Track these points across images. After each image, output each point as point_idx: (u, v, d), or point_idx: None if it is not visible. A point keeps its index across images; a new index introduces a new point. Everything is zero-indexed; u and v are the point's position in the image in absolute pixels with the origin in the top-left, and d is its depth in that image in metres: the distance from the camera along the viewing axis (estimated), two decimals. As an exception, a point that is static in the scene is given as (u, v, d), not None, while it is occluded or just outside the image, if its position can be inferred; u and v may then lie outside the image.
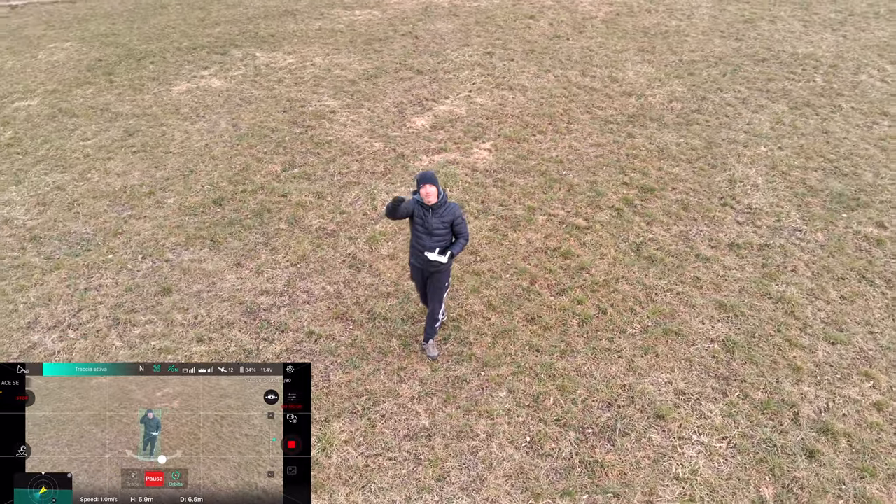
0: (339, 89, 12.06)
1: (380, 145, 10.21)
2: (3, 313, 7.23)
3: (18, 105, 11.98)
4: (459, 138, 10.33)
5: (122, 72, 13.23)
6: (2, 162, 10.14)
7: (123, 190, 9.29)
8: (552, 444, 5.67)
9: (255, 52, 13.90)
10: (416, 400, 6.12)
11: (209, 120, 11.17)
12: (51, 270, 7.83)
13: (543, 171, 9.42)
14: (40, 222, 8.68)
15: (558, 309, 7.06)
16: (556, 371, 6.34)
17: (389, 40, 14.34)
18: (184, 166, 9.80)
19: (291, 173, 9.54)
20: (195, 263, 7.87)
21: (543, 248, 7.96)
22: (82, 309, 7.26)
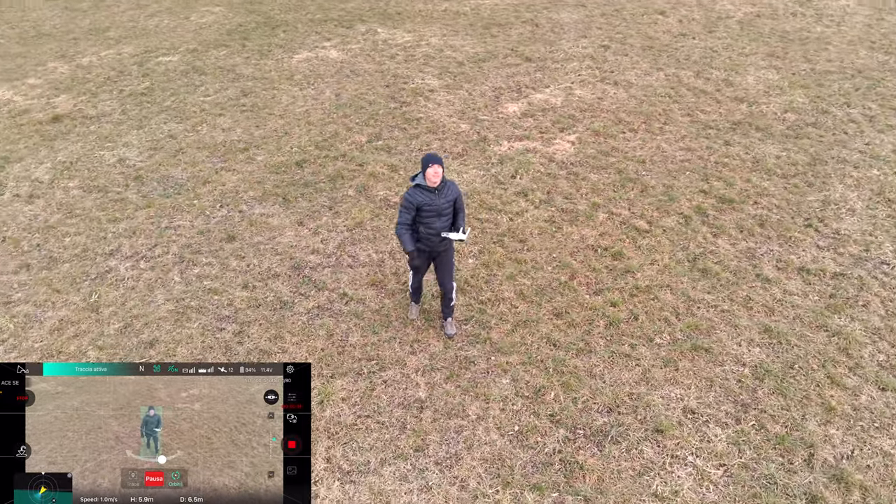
0: (445, 70, 12.27)
1: (466, 127, 10.32)
2: (94, 239, 8.16)
3: (161, 60, 13.27)
4: (546, 128, 10.21)
5: (256, 37, 14.24)
6: (133, 108, 11.33)
7: (223, 144, 10.08)
8: (538, 438, 5.60)
9: (378, 28, 14.43)
10: (420, 372, 6.25)
11: (317, 88, 11.79)
12: (143, 207, 8.71)
13: (621, 170, 9.11)
14: (147, 165, 9.65)
15: (589, 308, 6.88)
16: (567, 368, 6.21)
17: (508, 26, 14.34)
18: (280, 128, 10.45)
19: (375, 145, 9.90)
20: (263, 217, 8.44)
21: (595, 245, 7.75)
22: (158, 244, 8.03)
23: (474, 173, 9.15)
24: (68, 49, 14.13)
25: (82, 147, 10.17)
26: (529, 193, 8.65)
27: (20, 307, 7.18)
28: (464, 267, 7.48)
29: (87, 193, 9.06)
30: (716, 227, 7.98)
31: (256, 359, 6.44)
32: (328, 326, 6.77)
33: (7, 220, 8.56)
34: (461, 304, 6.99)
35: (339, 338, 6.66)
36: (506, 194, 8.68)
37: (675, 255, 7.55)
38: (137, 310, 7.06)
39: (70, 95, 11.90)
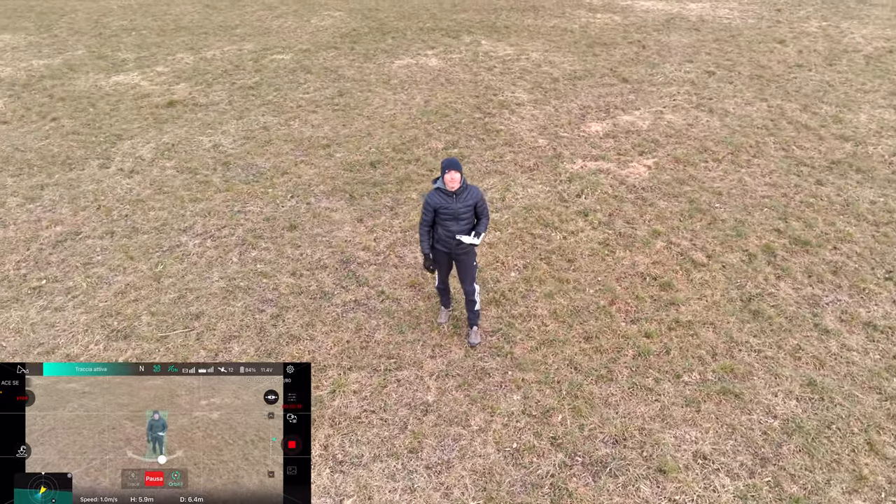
0: (537, 85, 12.24)
1: (543, 142, 10.25)
2: (174, 215, 8.83)
3: (274, 57, 14.12)
4: (625, 150, 9.94)
5: (365, 42, 14.83)
6: (239, 100, 12.13)
7: (309, 139, 10.59)
8: (534, 459, 5.47)
9: (482, 40, 14.61)
10: (434, 376, 6.28)
11: (409, 93, 12.12)
12: (222, 191, 9.32)
13: (693, 199, 8.72)
14: (237, 152, 10.31)
15: (621, 335, 6.64)
16: (581, 393, 6.03)
17: (614, 45, 14.07)
18: (365, 129, 10.84)
19: (449, 152, 10.04)
20: (327, 211, 8.79)
21: (645, 273, 7.47)
22: (227, 226, 8.57)
23: (540, 188, 9.07)
24: (197, 42, 15.35)
25: (186, 131, 11.03)
26: (590, 214, 8.47)
27: (97, 269, 7.89)
28: (504, 280, 7.44)
29: (178, 173, 9.81)
30: (782, 268, 7.46)
31: (286, 342, 6.72)
32: (359, 321, 6.96)
33: (106, 191, 9.44)
34: (492, 315, 6.96)
35: (367, 333, 6.82)
36: (566, 212, 8.54)
37: (727, 293, 7.13)
38: (193, 284, 7.57)
39: (188, 84, 12.93)
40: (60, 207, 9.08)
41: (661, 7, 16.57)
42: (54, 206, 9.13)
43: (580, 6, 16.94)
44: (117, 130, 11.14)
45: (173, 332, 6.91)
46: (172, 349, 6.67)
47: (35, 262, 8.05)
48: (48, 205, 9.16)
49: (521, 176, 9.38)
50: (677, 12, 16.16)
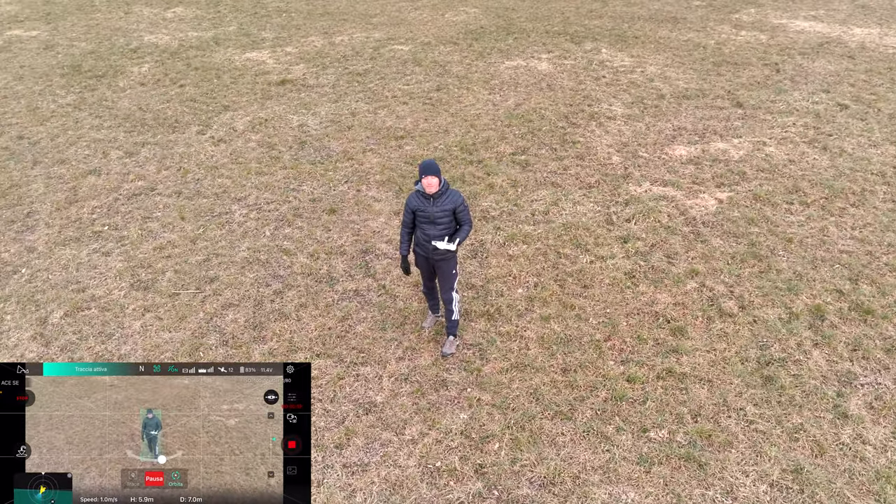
0: (640, 100, 11.49)
1: (617, 160, 9.62)
2: (235, 185, 9.38)
3: (394, 48, 14.48)
4: (702, 179, 9.07)
5: (485, 40, 14.75)
6: (343, 85, 12.60)
7: (387, 129, 10.76)
8: (451, 482, 5.21)
9: (603, 48, 13.95)
10: (393, 378, 6.17)
11: (503, 95, 11.90)
12: (287, 168, 9.75)
13: (754, 243, 7.77)
14: (317, 133, 10.73)
15: (602, 374, 6.10)
16: (531, 426, 5.63)
17: (744, 66, 12.83)
18: (443, 126, 10.81)
19: (515, 158, 9.75)
20: (371, 200, 8.90)
21: (660, 313, 6.79)
22: (275, 201, 8.96)
23: (590, 207, 8.54)
24: (333, 27, 16.12)
25: (283, 109, 11.65)
26: (631, 241, 7.84)
27: (151, 224, 8.60)
28: (509, 295, 7.11)
29: (258, 147, 10.40)
30: (823, 335, 6.44)
31: (274, 319, 6.92)
32: (349, 310, 6.99)
33: (192, 155, 10.23)
34: (478, 328, 6.70)
35: (350, 323, 6.84)
36: (606, 235, 7.98)
37: (744, 352, 6.29)
38: (222, 250, 8.01)
39: (306, 66, 13.63)
40: (149, 165, 9.99)
41: (818, 29, 14.84)
42: (145, 162, 10.06)
43: (725, 21, 15.64)
44: (227, 101, 12.03)
45: (184, 291, 7.37)
46: (176, 307, 7.12)
47: (108, 209, 8.93)
48: (141, 161, 10.11)
49: (576, 191, 8.89)
50: (836, 36, 14.39)
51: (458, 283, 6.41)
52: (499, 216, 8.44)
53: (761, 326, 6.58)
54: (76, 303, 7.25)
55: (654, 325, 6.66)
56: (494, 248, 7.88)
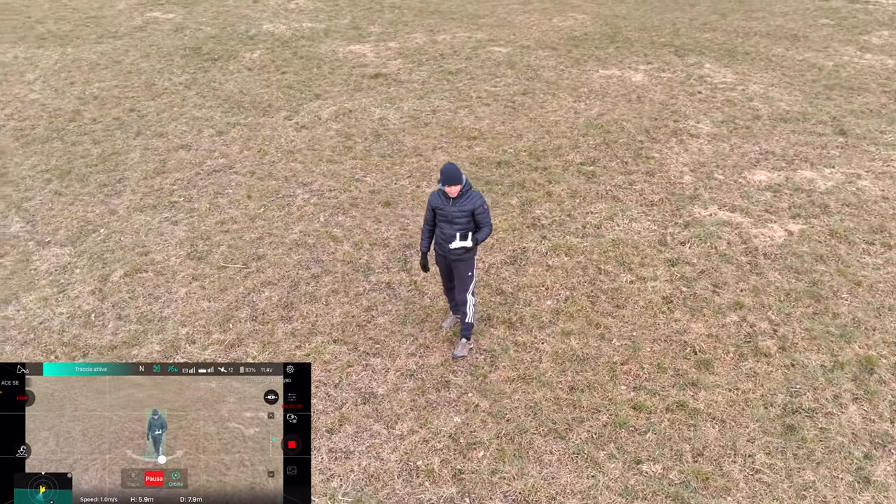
0: (731, 119, 10.85)
1: (688, 179, 9.16)
2: (304, 171, 9.76)
3: (492, 49, 14.49)
4: (777, 209, 8.45)
5: (585, 47, 14.44)
6: (433, 83, 12.77)
7: (462, 129, 10.81)
8: (426, 483, 5.21)
9: (706, 63, 13.26)
10: (399, 372, 6.24)
11: (588, 104, 11.61)
12: (357, 158, 10.03)
13: (816, 282, 7.17)
14: (394, 128, 10.95)
15: (609, 398, 5.86)
16: (522, 439, 5.51)
17: (859, 91, 11.77)
18: (518, 130, 10.71)
19: (581, 168, 9.51)
20: (426, 196, 8.97)
21: (690, 343, 6.42)
22: (337, 189, 9.25)
23: (646, 225, 8.19)
24: (440, 25, 16.34)
25: (369, 101, 11.98)
26: (679, 265, 7.46)
27: (220, 199, 9.13)
28: (536, 306, 6.98)
29: (336, 136, 10.76)
30: (866, 390, 5.85)
31: (305, 301, 7.16)
32: (375, 301, 7.12)
33: (274, 138, 10.75)
34: (496, 335, 6.62)
35: (374, 314, 6.97)
36: (654, 256, 7.63)
37: (771, 396, 5.83)
38: (276, 231, 8.38)
39: (403, 61, 13.93)
40: (234, 144, 10.60)
41: (966, 58, 13.37)
42: (231, 142, 10.68)
43: (851, 43, 14.40)
44: (320, 90, 12.52)
45: (232, 266, 7.79)
46: (221, 279, 7.53)
47: (187, 182, 9.57)
48: (228, 140, 10.75)
49: (635, 208, 8.55)
50: None
51: (475, 285, 6.38)
52: (549, 225, 8.28)
53: (798, 371, 6.08)
54: (137, 265, 7.84)
55: (679, 355, 6.31)
56: (535, 256, 7.74)
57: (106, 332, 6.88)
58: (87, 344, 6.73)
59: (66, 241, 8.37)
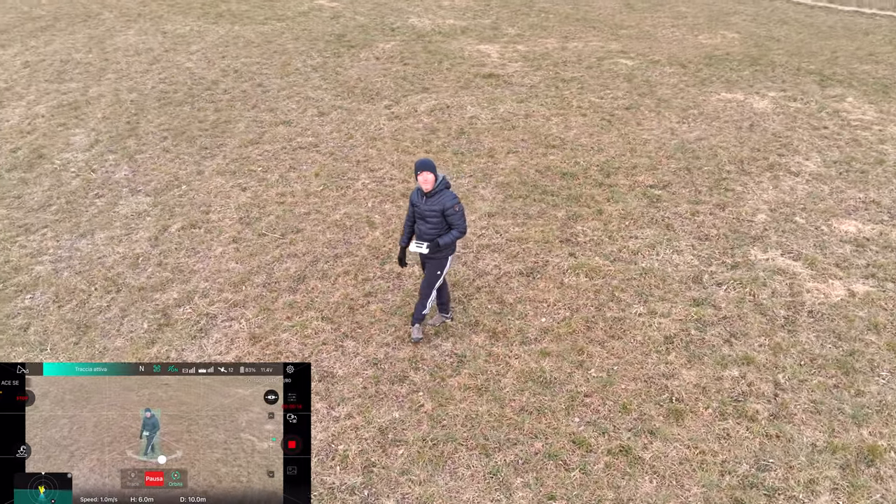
0: (847, 160, 9.58)
1: (761, 219, 8.28)
2: (378, 158, 10.10)
3: (618, 61, 13.93)
4: (850, 264, 7.40)
5: (720, 67, 13.42)
6: (543, 88, 12.57)
7: (546, 136, 10.57)
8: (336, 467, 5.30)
9: (849, 97, 11.76)
10: (365, 359, 6.36)
11: (692, 126, 10.83)
12: (430, 153, 10.19)
13: (854, 352, 6.24)
14: (479, 127, 10.96)
15: (553, 427, 5.56)
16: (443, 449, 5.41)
17: None
18: (603, 144, 10.27)
19: (647, 191, 8.94)
20: (478, 197, 8.95)
21: (668, 389, 5.89)
22: (396, 180, 9.48)
23: (687, 260, 7.56)
24: (575, 33, 15.99)
25: (469, 100, 12.07)
26: (701, 306, 6.82)
27: (291, 174, 9.73)
28: (529, 320, 6.74)
29: (422, 129, 11.00)
30: (853, 483, 5.01)
31: (317, 278, 7.49)
32: (378, 288, 7.28)
33: (365, 124, 11.22)
34: (474, 342, 6.51)
35: (371, 301, 7.12)
36: (678, 293, 7.04)
37: (734, 463, 5.19)
38: (324, 209, 8.80)
39: (523, 64, 13.84)
40: (328, 125, 11.22)
41: None
42: (326, 123, 11.30)
43: None
44: (429, 84, 12.83)
45: (270, 234, 8.31)
46: (254, 245, 8.08)
47: (272, 155, 10.30)
48: (324, 121, 11.39)
49: (684, 239, 7.91)
50: None
51: (439, 287, 6.35)
52: (583, 243, 7.92)
53: (779, 444, 5.36)
54: (194, 221, 8.62)
55: (652, 399, 5.82)
56: (554, 272, 7.46)
57: (142, 275, 7.68)
58: (123, 283, 7.55)
59: (152, 192, 9.40)
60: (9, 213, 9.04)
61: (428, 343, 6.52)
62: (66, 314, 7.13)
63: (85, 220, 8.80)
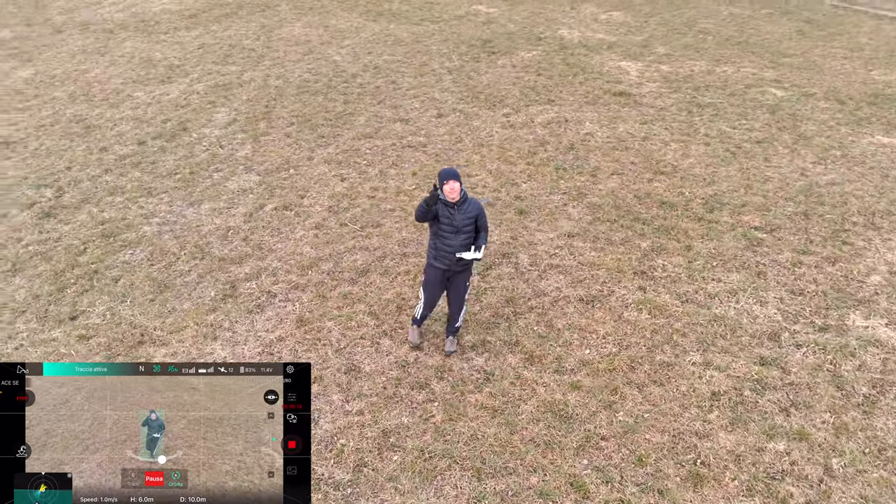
0: None
1: (875, 280, 7.26)
2: (476, 164, 10.06)
3: (766, 90, 12.78)
4: (972, 349, 6.28)
5: (883, 106, 11.90)
6: (672, 111, 11.88)
7: (657, 162, 9.98)
8: (332, 460, 5.40)
9: None
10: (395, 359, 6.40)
11: (828, 168, 9.71)
12: (532, 165, 9.98)
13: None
14: (592, 146, 10.57)
15: (556, 465, 5.26)
16: (437, 465, 5.32)
17: None
18: (717, 177, 9.51)
19: (750, 232, 8.15)
20: (563, 215, 8.66)
21: (697, 449, 5.36)
22: (489, 188, 9.40)
23: (770, 313, 6.81)
24: (729, 57, 14.89)
25: (590, 116, 11.68)
26: (767, 367, 6.12)
27: (391, 170, 9.95)
28: (569, 350, 6.42)
29: (531, 140, 10.80)
30: None
31: (379, 273, 7.61)
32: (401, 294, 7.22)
33: (478, 130, 11.21)
34: (509, 362, 6.33)
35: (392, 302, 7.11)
36: (746, 346, 6.36)
37: (743, 545, 4.62)
38: (408, 208, 8.91)
39: (660, 85, 13.15)
40: (441, 128, 11.34)
41: None
42: (441, 125, 11.44)
43: None
44: (555, 97, 12.56)
45: (350, 225, 8.57)
46: (334, 234, 8.38)
47: (380, 150, 10.61)
48: (440, 123, 11.53)
49: (774, 290, 7.12)
50: None
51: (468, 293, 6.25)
52: (658, 278, 7.40)
53: (806, 536, 4.69)
54: (288, 203, 9.09)
55: (675, 457, 5.32)
56: (616, 304, 7.04)
57: (227, 247, 8.23)
58: (208, 252, 8.13)
59: (262, 171, 10.03)
60: (141, 175, 10.05)
61: (461, 355, 6.42)
62: (153, 272, 7.81)
63: (199, 190, 9.58)
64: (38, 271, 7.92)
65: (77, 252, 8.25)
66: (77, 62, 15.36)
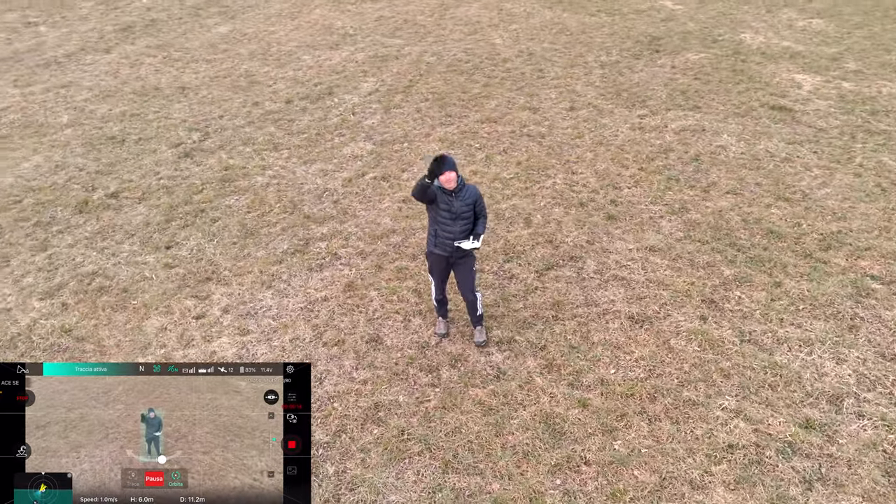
0: None
1: None
2: (587, 162, 9.69)
3: None
4: None
5: None
6: (830, 134, 10.52)
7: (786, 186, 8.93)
8: (315, 419, 5.60)
9: None
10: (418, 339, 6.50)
11: None
12: (647, 171, 9.41)
13: None
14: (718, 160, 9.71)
15: (524, 477, 5.07)
16: (410, 447, 5.36)
17: None
18: (849, 214, 8.32)
19: (860, 279, 7.08)
20: (652, 228, 8.12)
21: (685, 498, 4.84)
22: (587, 188, 9.03)
23: (844, 373, 5.93)
24: None
25: (733, 128, 10.69)
26: (810, 430, 5.37)
27: (497, 157, 9.91)
28: (595, 365, 6.08)
29: (656, 146, 10.16)
30: None
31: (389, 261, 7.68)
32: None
33: (603, 128, 10.75)
34: (527, 366, 6.16)
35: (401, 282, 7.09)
36: (793, 402, 5.62)
37: None
38: (498, 196, 8.86)
39: (833, 103, 11.65)
40: (566, 121, 11.03)
41: None
42: (567, 118, 11.12)
43: None
44: (701, 104, 11.62)
45: (434, 204, 8.69)
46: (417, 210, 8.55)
47: (496, 136, 10.60)
48: (568, 116, 11.22)
49: (860, 350, 6.15)
50: None
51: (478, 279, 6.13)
52: (726, 310, 6.72)
53: None
54: (387, 174, 9.45)
55: (659, 496, 4.88)
56: (666, 328, 6.52)
57: (316, 207, 8.74)
58: (299, 209, 8.71)
59: (379, 142, 10.45)
60: (275, 131, 10.92)
61: (483, 349, 6.33)
62: (245, 219, 8.52)
63: (316, 151, 10.22)
64: (158, 202, 8.97)
65: (195, 191, 9.21)
66: (269, 24, 16.89)
